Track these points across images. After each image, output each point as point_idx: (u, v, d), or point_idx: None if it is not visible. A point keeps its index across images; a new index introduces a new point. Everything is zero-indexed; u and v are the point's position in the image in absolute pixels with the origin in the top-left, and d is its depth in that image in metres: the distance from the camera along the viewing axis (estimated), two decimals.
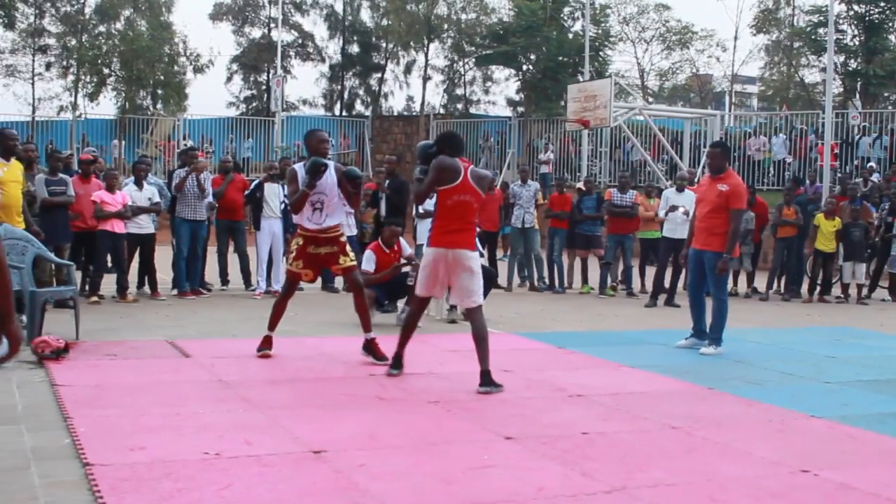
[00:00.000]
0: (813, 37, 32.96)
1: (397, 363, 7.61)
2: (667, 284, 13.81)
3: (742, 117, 34.69)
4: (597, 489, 4.68)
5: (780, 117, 29.39)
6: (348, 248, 8.28)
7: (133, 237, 12.15)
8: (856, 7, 31.26)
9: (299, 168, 8.09)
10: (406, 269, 10.68)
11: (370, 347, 8.15)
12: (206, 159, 16.98)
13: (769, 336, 10.77)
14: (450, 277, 7.28)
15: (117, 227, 11.86)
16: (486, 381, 7.02)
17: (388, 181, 13.26)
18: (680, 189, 14.10)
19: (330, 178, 8.03)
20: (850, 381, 8.05)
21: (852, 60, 32.07)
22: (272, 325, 8.37)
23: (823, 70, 30.22)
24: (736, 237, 9.29)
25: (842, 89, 32.10)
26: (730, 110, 42.12)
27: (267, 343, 8.32)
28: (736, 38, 43.70)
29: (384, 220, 11.68)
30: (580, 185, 17.07)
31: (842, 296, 15.38)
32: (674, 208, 13.73)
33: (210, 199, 12.92)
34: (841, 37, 31.03)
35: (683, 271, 11.58)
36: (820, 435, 6.08)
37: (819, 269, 15.33)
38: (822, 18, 30.92)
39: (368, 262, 10.64)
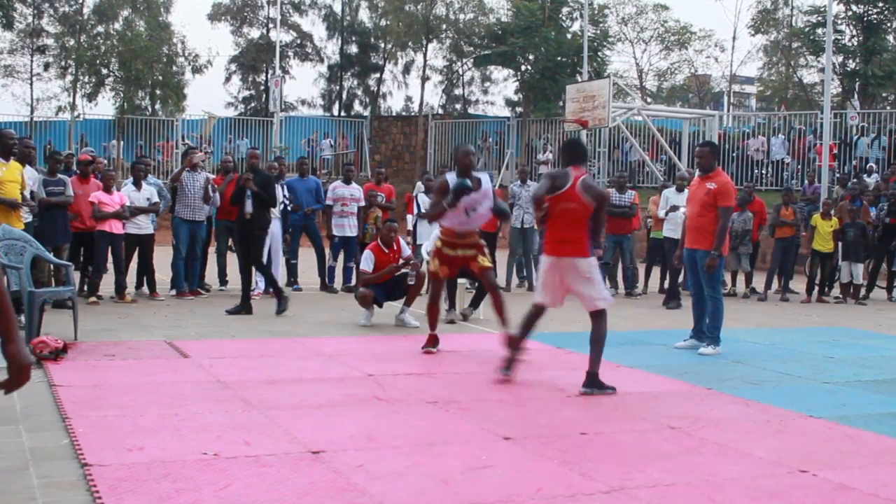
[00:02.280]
0: (811, 37, 32.95)
1: (509, 365, 7.59)
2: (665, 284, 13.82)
3: (740, 117, 34.72)
4: (595, 489, 4.68)
5: (778, 118, 29.41)
6: (486, 249, 8.69)
7: (131, 237, 12.14)
8: (854, 7, 31.26)
9: (450, 179, 8.40)
10: (405, 269, 10.69)
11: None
12: (206, 155, 17.02)
13: (767, 336, 10.78)
14: (568, 284, 7.35)
15: (115, 227, 11.85)
16: (591, 382, 7.08)
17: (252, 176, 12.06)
18: (680, 189, 14.11)
19: (484, 187, 8.43)
20: (849, 382, 8.05)
21: (851, 61, 32.06)
22: (432, 325, 8.80)
23: (822, 70, 30.22)
24: (724, 235, 9.31)
25: (840, 90, 32.10)
26: (728, 110, 42.19)
27: (432, 342, 8.79)
28: (734, 38, 44.11)
29: (250, 217, 11.42)
30: None
31: (840, 296, 15.39)
32: (674, 208, 13.74)
33: (216, 203, 12.90)
34: (839, 37, 31.03)
35: (682, 271, 11.58)
36: (818, 435, 6.08)
37: (817, 269, 15.35)
38: (820, 19, 30.90)
39: (367, 261, 10.65)
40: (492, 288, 8.65)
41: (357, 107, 44.16)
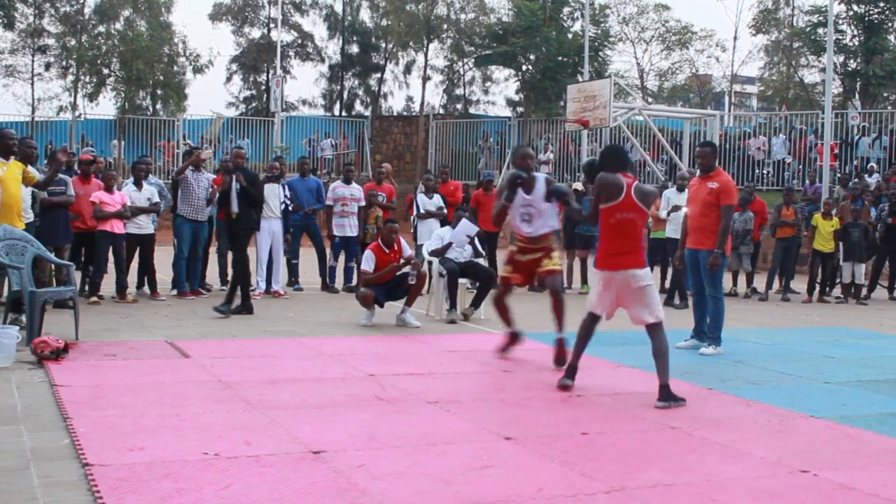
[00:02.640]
0: (812, 37, 32.93)
1: (570, 374, 7.37)
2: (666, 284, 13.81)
3: (741, 117, 34.69)
4: (596, 489, 4.68)
5: (779, 117, 29.39)
6: (555, 253, 8.59)
7: (132, 237, 12.14)
8: (855, 7, 31.24)
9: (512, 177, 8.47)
10: (406, 269, 10.70)
11: (558, 346, 8.29)
12: (209, 151, 17.02)
13: (768, 336, 10.77)
14: (621, 299, 7.19)
15: (117, 227, 11.86)
16: (665, 395, 6.81)
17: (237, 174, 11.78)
18: (681, 189, 14.09)
19: (539, 191, 8.34)
20: (850, 382, 8.05)
21: (852, 61, 32.05)
22: (507, 323, 8.84)
23: (823, 70, 30.20)
24: (727, 234, 9.31)
25: (841, 89, 32.08)
26: (729, 110, 42.17)
27: (512, 339, 8.79)
28: (735, 38, 43.81)
29: (237, 216, 11.33)
30: (577, 185, 17.06)
31: (841, 296, 15.39)
32: (676, 208, 13.73)
33: (213, 207, 12.85)
34: (840, 37, 31.01)
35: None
36: (819, 435, 6.08)
37: (818, 269, 15.35)
38: (821, 18, 30.89)
39: (368, 261, 10.65)
40: (556, 293, 8.45)
41: (358, 107, 44.21)
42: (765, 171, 26.76)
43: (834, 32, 24.78)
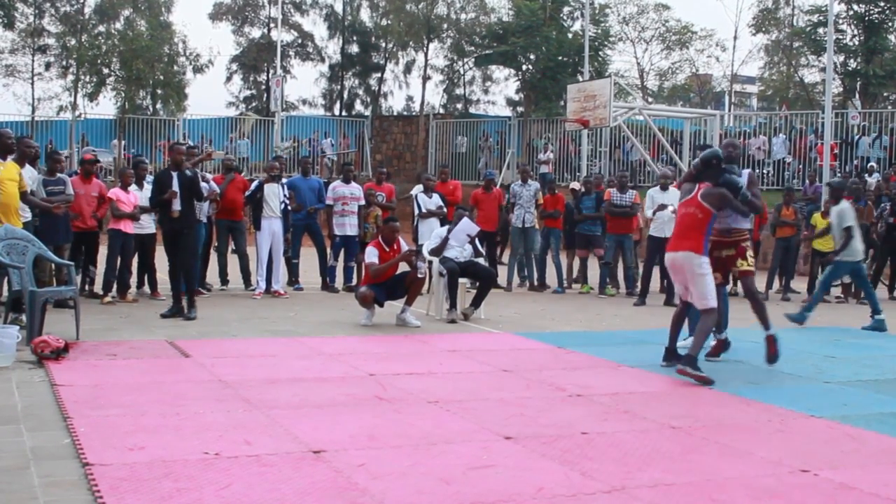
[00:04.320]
0: (812, 37, 32.96)
1: (669, 357, 8.41)
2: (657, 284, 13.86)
3: (742, 117, 34.71)
4: (596, 489, 4.68)
5: (779, 117, 29.42)
6: (749, 253, 8.72)
7: (136, 237, 12.15)
8: (855, 7, 31.27)
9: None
10: (420, 263, 10.73)
11: (768, 343, 8.51)
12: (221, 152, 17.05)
13: None
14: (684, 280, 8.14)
15: (128, 227, 11.88)
16: (687, 361, 7.72)
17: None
18: (664, 188, 14.07)
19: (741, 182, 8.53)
20: (850, 381, 8.05)
21: (852, 60, 32.08)
22: (718, 328, 8.90)
23: (823, 70, 30.21)
24: None
25: (841, 89, 32.11)
26: (729, 110, 42.21)
27: (721, 347, 8.97)
28: (735, 37, 43.78)
29: (178, 215, 10.61)
30: (574, 185, 17.08)
31: (841, 296, 15.38)
32: (662, 207, 13.70)
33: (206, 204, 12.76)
34: (840, 37, 31.04)
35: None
36: (820, 435, 6.08)
37: (817, 268, 15.35)
38: (821, 18, 30.92)
39: (372, 256, 10.65)
40: (751, 294, 8.72)
41: (358, 106, 44.28)
42: (765, 171, 26.78)
43: (834, 32, 24.79)
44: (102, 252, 12.33)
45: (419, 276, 10.67)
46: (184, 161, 11.03)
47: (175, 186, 10.66)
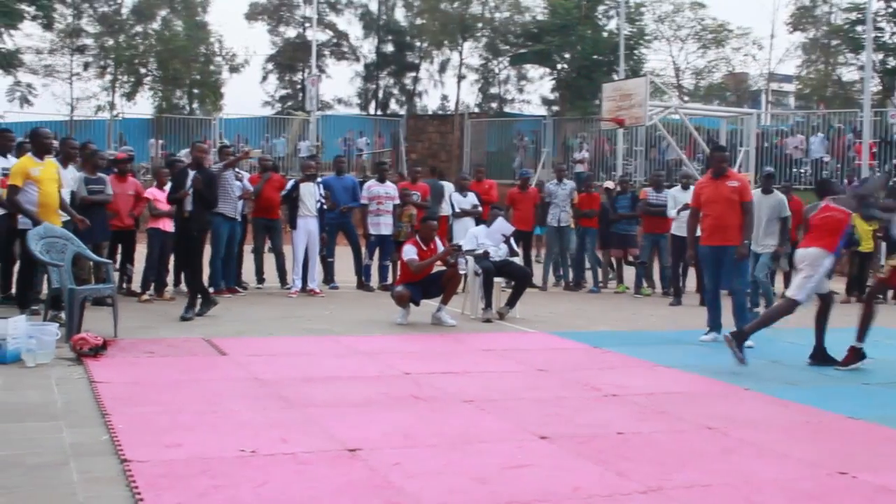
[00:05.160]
0: (850, 34, 32.65)
1: (817, 356, 8.91)
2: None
3: (779, 116, 34.42)
4: (632, 489, 4.66)
5: (817, 116, 29.13)
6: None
7: (169, 235, 12.23)
8: (894, 4, 30.91)
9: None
10: (461, 260, 10.80)
11: (851, 353, 8.78)
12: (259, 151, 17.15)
13: (805, 336, 10.64)
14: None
15: (166, 225, 11.96)
16: (736, 336, 8.30)
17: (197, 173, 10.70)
18: (685, 187, 13.98)
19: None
20: (889, 383, 7.98)
21: (891, 58, 31.74)
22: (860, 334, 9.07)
23: (861, 68, 29.90)
24: (751, 227, 10.17)
25: (880, 87, 31.76)
26: (766, 109, 41.82)
27: (855, 355, 8.90)
28: (772, 35, 43.69)
29: (189, 215, 10.28)
30: (608, 184, 17.00)
31: (880, 296, 15.20)
32: (686, 206, 13.60)
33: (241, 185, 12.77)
34: (879, 34, 30.71)
35: None
36: (858, 436, 6.03)
37: (856, 268, 15.19)
38: (859, 16, 30.60)
39: (411, 253, 10.66)
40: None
41: (393, 105, 44.34)
42: (802, 170, 26.55)
43: (873, 29, 24.51)
44: (139, 250, 12.43)
45: (461, 272, 10.69)
46: (205, 159, 10.70)
47: (188, 185, 10.33)
